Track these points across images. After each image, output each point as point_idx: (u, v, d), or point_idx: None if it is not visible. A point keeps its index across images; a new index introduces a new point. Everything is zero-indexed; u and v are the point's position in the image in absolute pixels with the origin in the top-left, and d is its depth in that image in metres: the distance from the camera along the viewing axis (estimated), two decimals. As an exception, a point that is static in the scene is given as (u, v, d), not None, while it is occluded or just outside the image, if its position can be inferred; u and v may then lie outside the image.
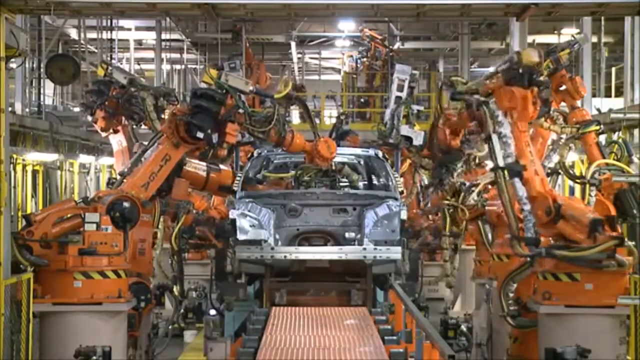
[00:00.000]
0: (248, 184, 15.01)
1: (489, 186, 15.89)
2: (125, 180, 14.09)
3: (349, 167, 15.69)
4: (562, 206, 12.37)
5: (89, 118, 18.46)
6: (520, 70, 12.50)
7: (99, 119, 17.60)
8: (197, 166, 15.06)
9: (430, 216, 20.19)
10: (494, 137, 12.64)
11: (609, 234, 12.10)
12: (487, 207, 16.00)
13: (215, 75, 13.61)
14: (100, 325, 12.66)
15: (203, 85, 14.09)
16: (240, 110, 13.71)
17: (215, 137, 13.66)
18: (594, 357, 11.66)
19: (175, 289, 15.89)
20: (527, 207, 12.47)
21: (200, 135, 13.47)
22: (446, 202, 16.68)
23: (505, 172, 12.59)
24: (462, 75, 13.78)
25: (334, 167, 15.06)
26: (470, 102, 13.11)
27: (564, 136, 14.53)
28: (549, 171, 13.94)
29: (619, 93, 26.48)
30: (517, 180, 12.52)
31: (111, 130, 17.87)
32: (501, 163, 12.61)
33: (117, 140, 18.15)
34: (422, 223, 20.25)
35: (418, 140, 17.73)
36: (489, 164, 18.20)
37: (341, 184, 15.81)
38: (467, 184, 16.67)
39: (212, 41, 36.02)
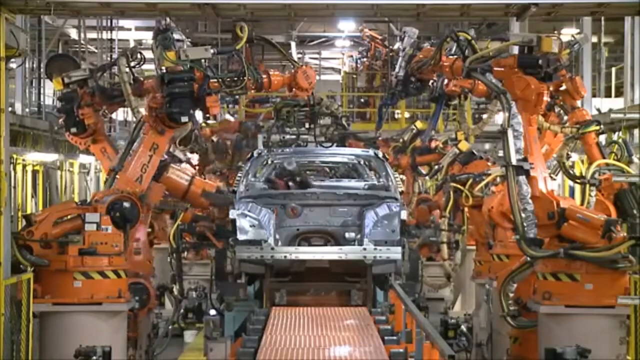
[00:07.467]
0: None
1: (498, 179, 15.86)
2: (117, 177, 14.02)
3: (356, 166, 15.61)
4: (567, 210, 12.33)
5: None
6: (540, 61, 12.37)
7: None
8: (180, 174, 14.93)
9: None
10: (509, 132, 12.33)
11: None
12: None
13: (174, 57, 13.48)
14: (100, 325, 12.65)
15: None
16: (213, 80, 13.49)
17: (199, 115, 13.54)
18: (594, 357, 11.64)
19: (175, 289, 15.80)
20: (530, 207, 12.39)
21: (184, 119, 13.38)
22: (453, 184, 16.67)
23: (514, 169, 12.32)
24: (469, 32, 13.54)
25: (312, 102, 14.89)
26: (490, 87, 12.69)
27: (559, 135, 14.50)
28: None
29: (619, 93, 26.46)
30: (523, 178, 12.42)
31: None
32: (514, 160, 12.33)
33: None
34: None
35: None
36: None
37: (341, 181, 15.79)
38: (477, 172, 16.66)
39: (212, 41, 35.99)
